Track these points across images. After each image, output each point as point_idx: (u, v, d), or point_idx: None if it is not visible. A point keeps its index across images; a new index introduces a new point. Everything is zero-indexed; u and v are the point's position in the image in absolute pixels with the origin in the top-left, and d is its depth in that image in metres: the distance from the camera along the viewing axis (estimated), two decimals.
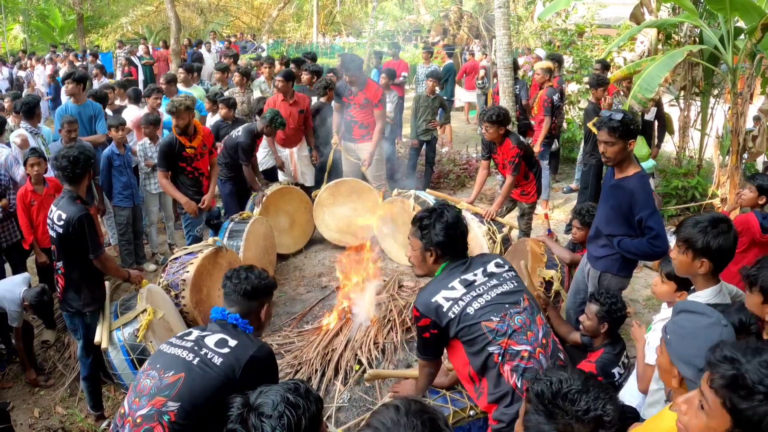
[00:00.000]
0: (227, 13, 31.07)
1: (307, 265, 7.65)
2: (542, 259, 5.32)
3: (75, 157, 4.73)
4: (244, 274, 3.24)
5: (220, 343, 2.98)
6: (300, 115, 8.29)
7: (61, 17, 31.20)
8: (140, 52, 20.07)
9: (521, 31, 15.89)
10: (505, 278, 3.30)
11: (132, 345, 4.74)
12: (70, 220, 4.61)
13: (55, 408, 5.48)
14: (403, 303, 6.10)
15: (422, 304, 3.22)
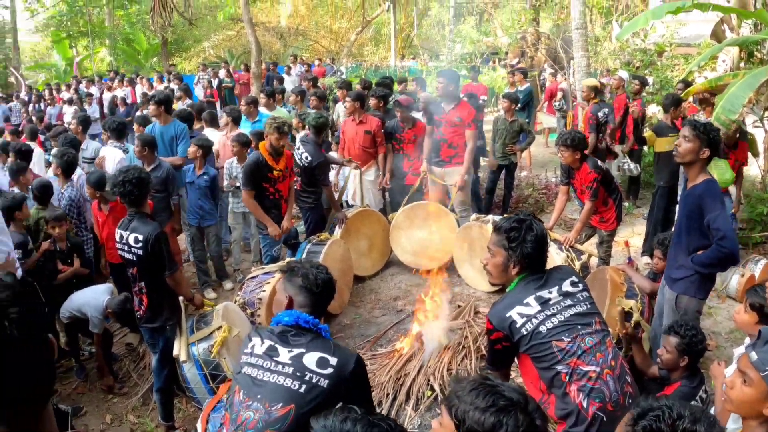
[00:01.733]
0: (306, 37, 31.61)
1: (383, 288, 7.63)
2: (622, 289, 5.17)
3: (136, 179, 4.82)
4: (313, 268, 3.18)
5: (321, 363, 2.89)
6: (366, 136, 8.29)
7: (145, 41, 32.34)
8: (222, 75, 20.60)
9: (599, 51, 15.65)
10: (579, 299, 3.28)
11: (206, 360, 4.83)
12: (148, 239, 4.70)
13: (127, 416, 5.61)
14: (478, 330, 6.00)
15: (496, 318, 3.21)
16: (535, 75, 17.49)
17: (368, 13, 29.82)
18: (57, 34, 31.97)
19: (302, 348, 2.93)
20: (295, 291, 3.12)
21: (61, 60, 32.48)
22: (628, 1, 21.43)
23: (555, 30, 19.12)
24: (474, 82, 13.85)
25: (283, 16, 30.43)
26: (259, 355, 2.95)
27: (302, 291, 3.10)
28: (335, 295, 3.28)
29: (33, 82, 30.99)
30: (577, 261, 6.25)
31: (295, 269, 3.18)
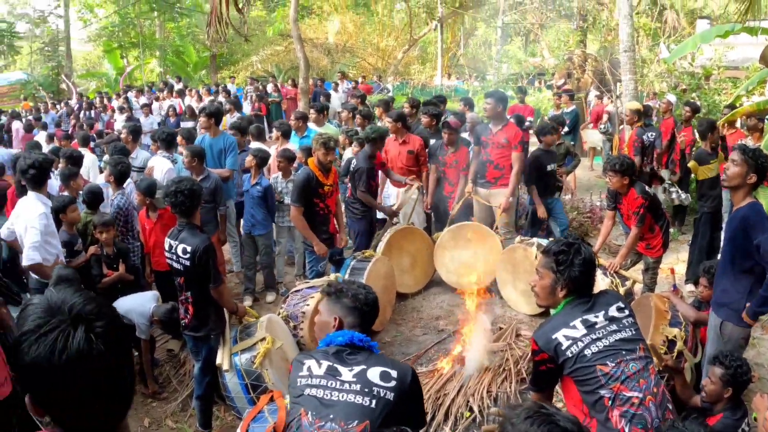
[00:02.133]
0: (354, 54, 31.85)
1: (426, 307, 7.60)
2: (666, 316, 5.11)
3: (188, 190, 4.91)
4: (361, 289, 3.26)
5: (384, 376, 2.93)
6: (409, 156, 8.28)
7: (195, 54, 32.90)
8: (269, 89, 20.84)
9: (646, 74, 15.52)
10: (624, 325, 3.30)
11: (248, 370, 4.91)
12: (196, 251, 4.79)
13: (165, 420, 5.69)
14: (519, 353, 5.96)
15: (542, 339, 3.25)
16: (581, 97, 17.36)
17: (415, 31, 29.97)
18: (109, 44, 32.70)
19: (362, 365, 2.97)
20: (344, 312, 3.16)
21: (111, 69, 33.20)
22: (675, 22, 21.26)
23: (602, 52, 19.01)
24: (520, 104, 13.80)
25: (330, 33, 30.70)
26: (320, 376, 2.97)
27: (353, 311, 3.16)
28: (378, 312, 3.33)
29: (84, 90, 31.65)
30: (621, 287, 6.20)
31: (344, 290, 3.23)
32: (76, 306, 1.49)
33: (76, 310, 1.48)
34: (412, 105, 10.45)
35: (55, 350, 1.42)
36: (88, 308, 1.49)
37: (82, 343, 1.44)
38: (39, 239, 5.42)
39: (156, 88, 23.79)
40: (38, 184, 5.75)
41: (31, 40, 40.25)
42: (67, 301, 1.50)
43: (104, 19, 34.00)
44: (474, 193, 8.00)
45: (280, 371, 5.06)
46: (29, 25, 41.62)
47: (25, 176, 5.75)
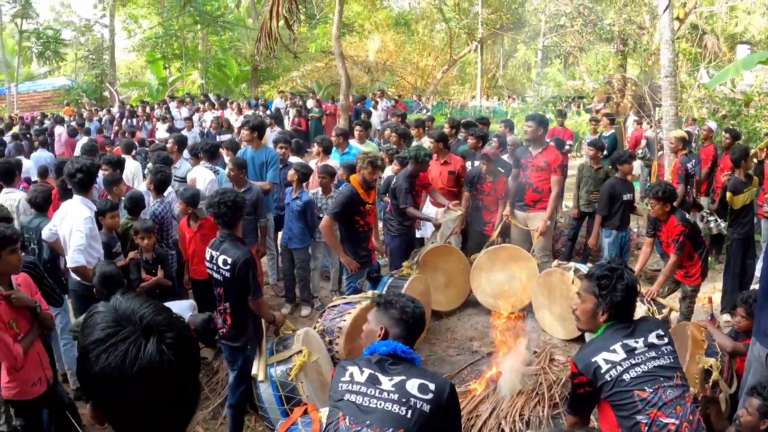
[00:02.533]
0: (393, 72, 32.00)
1: (460, 327, 7.60)
2: (703, 346, 5.04)
3: (232, 202, 4.97)
4: (410, 302, 3.32)
5: (422, 388, 2.99)
6: (450, 176, 8.32)
7: (236, 67, 33.30)
8: (310, 105, 21.01)
9: (685, 99, 15.39)
10: (663, 352, 3.32)
11: (283, 382, 4.94)
12: (236, 263, 4.84)
13: (196, 427, 5.71)
14: (553, 378, 5.93)
15: (582, 362, 3.29)
16: (620, 122, 17.26)
17: (455, 52, 30.06)
18: (152, 54, 33.21)
19: (403, 375, 3.03)
20: (391, 322, 3.24)
21: (154, 79, 33.69)
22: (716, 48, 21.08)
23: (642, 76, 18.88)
24: (560, 127, 13.75)
25: (371, 51, 30.92)
26: (361, 383, 3.05)
27: (399, 323, 3.23)
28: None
29: (126, 98, 32.19)
30: (658, 314, 6.15)
31: (393, 302, 3.30)
32: (147, 316, 1.49)
33: (147, 320, 1.48)
34: (452, 125, 10.48)
35: (126, 360, 1.42)
36: (158, 319, 1.49)
37: (153, 354, 1.43)
38: (84, 242, 5.52)
39: (197, 101, 24.11)
40: (84, 188, 5.86)
41: (76, 47, 41.09)
42: (137, 310, 1.50)
43: (148, 30, 34.62)
44: (511, 216, 8.00)
45: (315, 384, 5.10)
46: (75, 33, 42.55)
47: (72, 180, 5.85)
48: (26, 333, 4.52)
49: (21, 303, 4.48)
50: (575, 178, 9.87)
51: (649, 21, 18.58)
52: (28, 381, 4.57)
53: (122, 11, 36.08)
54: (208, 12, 30.51)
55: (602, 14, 20.00)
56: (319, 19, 30.06)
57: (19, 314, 4.49)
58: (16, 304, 4.44)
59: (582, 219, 9.60)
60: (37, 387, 4.65)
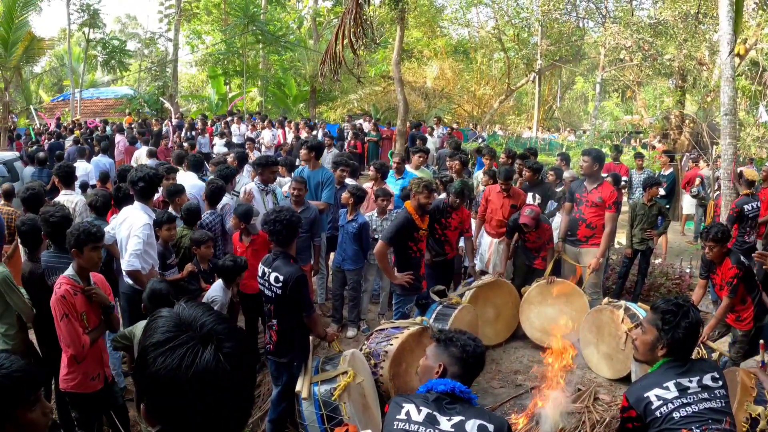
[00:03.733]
0: (450, 100, 32.04)
1: (505, 359, 7.57)
2: (752, 393, 4.93)
3: (287, 220, 5.06)
4: (471, 341, 3.27)
5: (481, 429, 2.97)
6: (512, 210, 8.30)
7: (295, 87, 33.77)
8: (367, 128, 21.19)
9: (743, 138, 15.10)
10: (716, 395, 3.28)
11: (326, 401, 4.96)
12: (288, 281, 4.92)
13: None
14: (597, 417, 5.88)
15: (634, 396, 3.30)
16: (678, 159, 17.02)
17: (513, 82, 30.02)
18: (213, 70, 33.89)
19: (461, 416, 3.01)
20: (450, 360, 3.20)
21: (214, 94, 34.36)
22: None
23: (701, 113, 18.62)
24: (615, 162, 13.65)
25: (429, 78, 31.03)
26: (418, 422, 3.03)
27: (458, 361, 3.20)
28: None
29: (185, 111, 32.84)
30: (706, 357, 6.05)
31: (453, 339, 3.27)
32: (207, 324, 1.52)
33: (207, 328, 1.51)
34: (508, 155, 10.50)
35: (182, 365, 1.45)
36: (218, 328, 1.53)
37: (210, 361, 1.46)
38: (141, 248, 5.68)
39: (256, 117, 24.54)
40: (146, 196, 6.05)
41: (140, 58, 42.22)
42: (198, 318, 1.54)
43: (211, 46, 35.32)
44: (563, 251, 7.96)
45: (357, 406, 5.12)
46: (139, 45, 43.69)
47: (135, 187, 6.06)
48: (94, 328, 4.73)
49: (99, 299, 4.73)
50: (628, 216, 9.77)
51: (709, 57, 18.31)
52: (87, 375, 4.76)
53: (187, 26, 36.90)
54: (271, 32, 30.98)
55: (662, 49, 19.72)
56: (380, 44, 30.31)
57: (91, 309, 4.71)
58: (95, 300, 4.70)
59: (634, 257, 9.49)
60: (96, 382, 4.82)
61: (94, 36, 33.16)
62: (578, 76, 31.38)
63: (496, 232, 8.48)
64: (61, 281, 4.62)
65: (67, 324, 4.49)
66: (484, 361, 3.30)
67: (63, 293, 4.52)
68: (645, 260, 9.51)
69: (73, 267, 4.70)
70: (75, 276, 4.66)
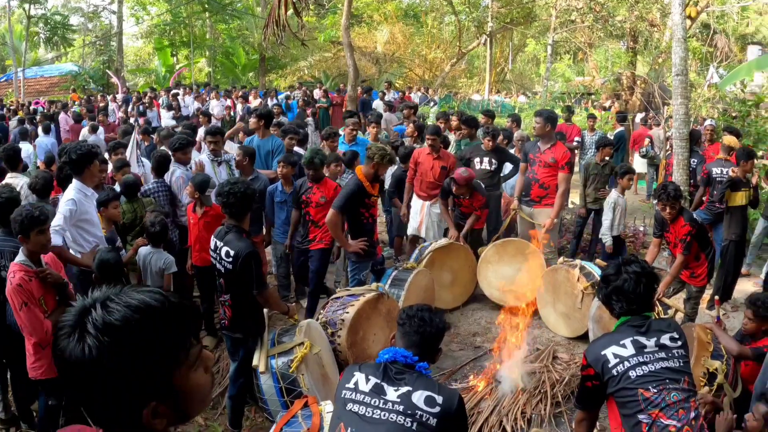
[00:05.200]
0: (401, 64, 31.94)
1: (463, 322, 7.56)
2: (708, 348, 4.98)
3: (241, 192, 4.93)
4: (428, 315, 3.28)
5: (429, 401, 2.97)
6: (442, 171, 8.23)
7: (244, 56, 33.28)
8: (317, 95, 20.95)
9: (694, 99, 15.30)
10: (674, 354, 3.31)
11: (283, 374, 4.91)
12: (238, 256, 4.79)
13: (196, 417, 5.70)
14: (556, 376, 5.91)
15: (592, 354, 3.33)
16: (630, 119, 17.17)
17: (464, 45, 29.92)
18: (160, 41, 33.24)
19: (409, 386, 3.01)
20: (399, 333, 3.29)
21: (161, 66, 33.73)
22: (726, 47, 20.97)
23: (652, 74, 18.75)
24: (567, 123, 13.69)
25: (379, 42, 30.88)
26: (365, 392, 3.04)
27: (408, 333, 3.26)
28: None
29: (132, 85, 32.18)
30: (663, 315, 6.10)
31: (409, 314, 3.32)
32: (92, 310, 1.43)
33: (90, 315, 1.43)
34: (459, 119, 10.46)
35: (62, 350, 1.41)
36: (98, 315, 1.43)
37: (76, 348, 1.40)
38: (62, 223, 5.41)
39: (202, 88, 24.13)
40: (77, 172, 5.78)
41: (84, 33, 41.12)
42: (90, 302, 1.46)
43: (157, 17, 34.55)
44: (519, 210, 7.95)
45: (316, 377, 5.06)
46: (83, 19, 42.53)
47: (67, 164, 5.88)
48: (53, 310, 4.61)
49: (54, 279, 4.61)
50: (581, 176, 9.80)
51: (660, 18, 18.44)
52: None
53: None
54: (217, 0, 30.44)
55: (613, 11, 19.81)
56: (328, 9, 29.95)
57: (47, 292, 4.59)
58: (50, 280, 4.57)
59: (588, 216, 9.54)
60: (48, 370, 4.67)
61: (35, 12, 32.29)
62: (530, 38, 31.26)
63: (428, 194, 8.35)
64: (14, 269, 4.50)
65: (28, 312, 4.40)
66: (438, 337, 3.31)
67: (19, 281, 4.41)
68: (599, 219, 9.56)
69: (23, 252, 4.59)
70: (26, 261, 4.55)
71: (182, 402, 1.51)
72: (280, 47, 26.31)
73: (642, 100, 18.26)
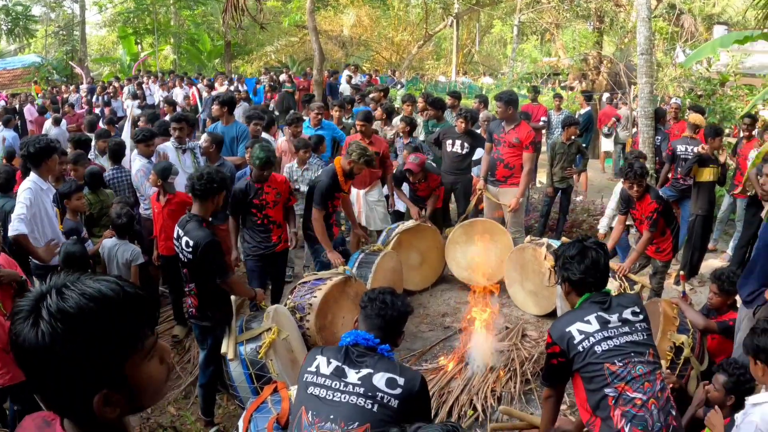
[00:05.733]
0: (368, 47, 31.82)
1: (432, 303, 7.59)
2: (674, 323, 5.05)
3: (205, 176, 4.91)
4: (389, 298, 3.29)
5: (390, 383, 2.98)
6: (375, 157, 8.22)
7: (209, 42, 32.95)
8: (283, 79, 20.82)
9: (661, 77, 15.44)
10: (637, 328, 3.37)
11: (252, 360, 4.89)
12: (198, 246, 4.76)
13: (168, 407, 5.69)
14: (525, 354, 5.97)
15: (557, 332, 3.35)
16: (596, 98, 17.28)
17: (431, 27, 29.82)
18: (124, 29, 32.77)
19: (370, 368, 3.02)
20: (362, 315, 3.30)
21: (125, 55, 33.23)
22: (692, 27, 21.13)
23: (618, 54, 18.87)
24: (533, 103, 13.74)
25: (346, 26, 30.68)
26: (326, 375, 3.05)
27: (369, 316, 3.28)
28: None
29: (97, 75, 31.73)
30: (629, 291, 6.16)
31: (371, 297, 3.35)
32: (47, 295, 1.43)
33: (45, 300, 1.42)
34: (425, 100, 10.43)
35: (16, 334, 1.42)
36: (52, 300, 1.42)
37: (30, 334, 1.39)
38: (25, 212, 5.34)
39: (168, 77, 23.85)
40: (35, 164, 5.71)
41: (46, 23, 40.36)
42: (47, 288, 1.45)
43: (120, 4, 34.04)
44: (485, 190, 7.98)
45: (285, 362, 5.05)
46: (45, 9, 41.76)
47: (25, 157, 5.78)
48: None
49: (10, 278, 4.50)
50: (548, 155, 9.85)
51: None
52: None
53: None
54: None
55: None
56: None
57: (5, 295, 4.48)
58: (5, 281, 4.45)
59: (555, 195, 9.61)
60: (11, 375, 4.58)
61: None
62: (496, 19, 31.23)
63: (360, 183, 8.21)
64: None
65: None
66: (398, 318, 3.31)
67: None
68: (566, 198, 9.66)
69: None
70: None
71: (135, 392, 1.51)
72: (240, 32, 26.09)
73: (608, 80, 18.38)
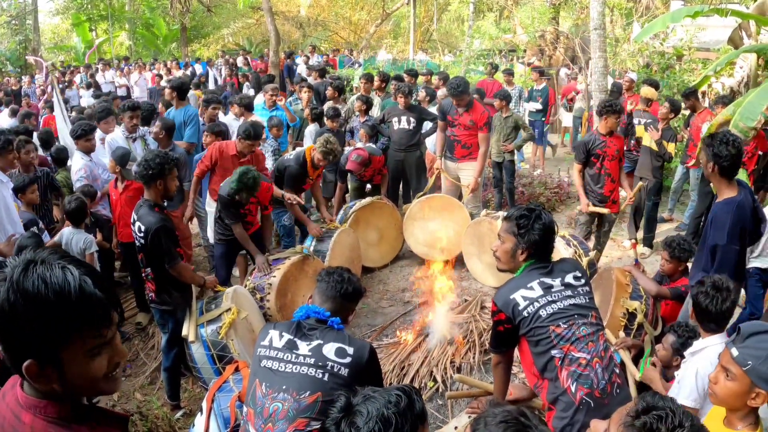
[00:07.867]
0: (326, 27, 31.61)
1: (392, 279, 7.69)
2: (627, 290, 5.17)
3: (144, 161, 4.90)
4: (346, 275, 3.38)
5: (339, 352, 3.08)
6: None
7: (165, 27, 32.50)
8: (239, 62, 20.66)
9: (618, 52, 15.61)
10: (579, 292, 3.41)
11: (213, 341, 4.92)
12: (149, 231, 4.78)
13: (134, 394, 5.70)
14: (484, 325, 6.07)
15: (501, 299, 3.36)
16: (553, 74, 17.41)
17: (388, 5, 29.75)
18: (77, 16, 32.09)
19: (320, 340, 3.12)
20: (317, 290, 3.40)
21: (80, 42, 32.61)
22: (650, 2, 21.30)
23: (574, 29, 18.98)
24: (489, 78, 13.82)
25: (303, 6, 30.49)
26: (278, 348, 3.14)
27: (324, 293, 3.37)
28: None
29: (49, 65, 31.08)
30: (584, 257, 6.29)
31: (330, 274, 3.43)
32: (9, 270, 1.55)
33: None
34: (381, 79, 10.43)
35: None
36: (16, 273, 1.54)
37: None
38: None
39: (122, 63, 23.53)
40: None
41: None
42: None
43: None
44: (442, 168, 8.04)
45: (246, 342, 5.08)
46: None
47: None
48: None
49: None
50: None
51: None
52: None
53: None
54: None
55: None
56: None
57: None
58: None
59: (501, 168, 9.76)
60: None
61: None
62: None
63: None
64: None
65: None
66: (356, 288, 3.41)
67: None
68: (508, 173, 9.73)
69: None
70: None
71: (69, 377, 1.61)
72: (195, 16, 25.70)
73: (565, 56, 18.52)
